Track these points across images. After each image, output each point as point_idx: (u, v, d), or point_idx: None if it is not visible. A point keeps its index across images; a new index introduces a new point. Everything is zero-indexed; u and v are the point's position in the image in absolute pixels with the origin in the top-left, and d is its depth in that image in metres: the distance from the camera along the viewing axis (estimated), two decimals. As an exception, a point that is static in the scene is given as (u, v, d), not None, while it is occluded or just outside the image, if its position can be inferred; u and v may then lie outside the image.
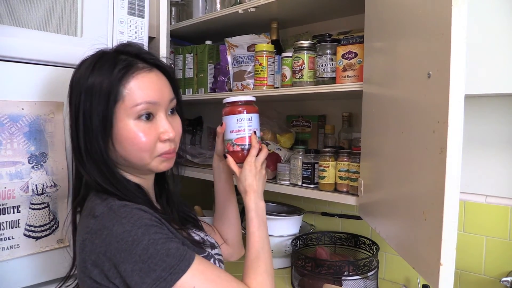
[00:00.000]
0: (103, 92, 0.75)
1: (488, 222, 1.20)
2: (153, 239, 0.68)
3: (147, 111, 0.77)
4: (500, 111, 1.17)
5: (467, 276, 1.24)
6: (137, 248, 0.66)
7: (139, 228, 0.68)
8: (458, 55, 0.62)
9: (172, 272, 0.66)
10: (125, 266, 0.66)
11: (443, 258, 0.64)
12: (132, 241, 0.66)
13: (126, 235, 0.67)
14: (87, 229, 0.71)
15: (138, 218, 0.70)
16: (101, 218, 0.71)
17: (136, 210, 0.72)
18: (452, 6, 0.62)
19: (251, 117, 0.98)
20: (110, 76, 0.75)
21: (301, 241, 1.47)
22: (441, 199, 0.64)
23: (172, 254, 0.68)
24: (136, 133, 0.76)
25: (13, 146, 0.96)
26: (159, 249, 0.67)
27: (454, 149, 0.63)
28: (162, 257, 0.67)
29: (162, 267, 0.66)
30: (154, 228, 0.70)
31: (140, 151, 0.77)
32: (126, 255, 0.66)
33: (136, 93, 0.76)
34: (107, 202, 0.74)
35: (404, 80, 0.82)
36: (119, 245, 0.66)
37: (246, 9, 1.38)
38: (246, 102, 0.98)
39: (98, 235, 0.69)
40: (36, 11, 1.00)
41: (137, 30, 1.21)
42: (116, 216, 0.70)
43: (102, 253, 0.68)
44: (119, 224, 0.68)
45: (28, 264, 1.00)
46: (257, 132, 0.98)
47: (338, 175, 1.23)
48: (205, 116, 2.06)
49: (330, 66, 1.20)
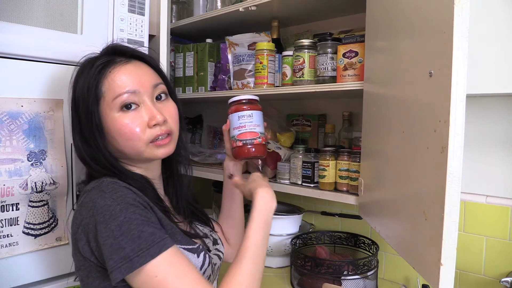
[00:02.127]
0: (86, 94, 0.79)
1: (488, 222, 1.20)
2: (129, 218, 0.68)
3: (128, 101, 0.79)
4: (501, 111, 1.17)
5: (467, 276, 1.24)
6: (112, 224, 0.67)
7: (118, 204, 0.69)
8: (460, 54, 0.62)
9: (140, 255, 0.66)
10: (100, 239, 0.67)
11: (444, 258, 0.64)
12: (109, 216, 0.68)
13: (105, 209, 0.69)
14: (78, 203, 0.76)
15: (120, 195, 0.71)
16: (90, 191, 0.74)
17: (123, 188, 0.74)
18: (454, 5, 0.61)
19: (251, 114, 1.01)
20: (89, 78, 0.79)
21: (300, 240, 1.46)
22: (441, 199, 0.64)
23: (144, 237, 0.67)
24: (122, 124, 0.78)
25: (12, 143, 0.95)
26: (132, 229, 0.67)
27: (455, 149, 0.63)
28: (133, 237, 0.67)
29: (131, 247, 0.66)
30: (133, 207, 0.70)
31: (130, 140, 0.79)
32: (102, 228, 0.67)
33: (114, 86, 0.79)
34: (99, 179, 0.77)
35: (405, 79, 0.82)
36: (98, 218, 0.68)
37: (247, 7, 1.38)
38: (248, 100, 1.03)
39: (85, 207, 0.72)
40: (37, 8, 0.99)
41: (138, 28, 1.21)
42: (101, 190, 0.72)
43: (85, 224, 0.70)
44: (102, 198, 0.70)
45: (27, 262, 0.99)
46: (259, 128, 1.02)
47: (338, 174, 1.23)
48: (205, 114, 2.06)
49: (331, 65, 1.20)
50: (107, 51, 0.85)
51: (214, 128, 1.93)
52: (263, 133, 1.03)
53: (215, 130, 1.92)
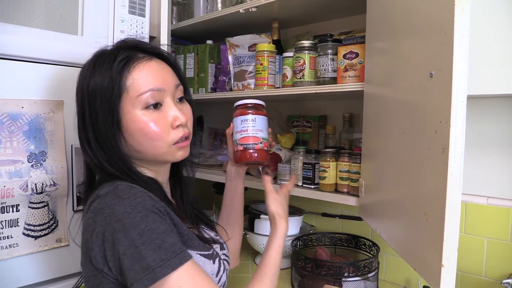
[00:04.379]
0: (106, 89, 0.74)
1: (489, 223, 1.20)
2: (150, 226, 0.66)
3: (154, 100, 0.76)
4: (503, 112, 1.16)
5: (468, 277, 1.24)
6: (133, 232, 0.64)
7: (138, 211, 0.66)
8: (460, 55, 0.62)
9: (162, 266, 0.64)
10: (119, 248, 0.64)
11: (445, 260, 0.63)
12: (129, 224, 0.65)
13: (125, 216, 0.65)
14: (91, 209, 0.70)
15: (140, 202, 0.68)
16: (105, 197, 0.69)
17: (141, 194, 0.70)
18: (455, 6, 0.61)
19: (254, 118, 1.00)
20: (110, 72, 0.75)
21: (301, 241, 1.46)
22: (443, 200, 0.64)
23: (165, 248, 0.65)
24: (146, 123, 0.75)
25: (13, 145, 0.95)
26: (153, 238, 0.65)
27: (456, 150, 0.63)
28: (154, 247, 0.64)
29: (153, 257, 0.64)
30: (154, 215, 0.68)
31: (153, 140, 0.76)
32: (121, 236, 0.64)
33: (139, 82, 0.75)
34: (114, 182, 0.73)
35: (405, 80, 0.82)
36: (117, 225, 0.65)
37: (247, 8, 1.38)
38: (252, 105, 1.02)
39: (100, 214, 0.67)
40: (37, 9, 1.00)
41: (138, 29, 1.21)
42: (118, 196, 0.68)
43: (101, 232, 0.66)
44: (120, 204, 0.67)
45: (27, 263, 0.99)
46: (262, 133, 1.01)
47: (338, 176, 1.23)
48: (205, 116, 2.06)
49: (331, 66, 1.20)
50: (125, 45, 0.81)
51: (215, 130, 1.92)
52: (266, 138, 1.01)
53: (216, 131, 1.91)
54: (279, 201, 0.97)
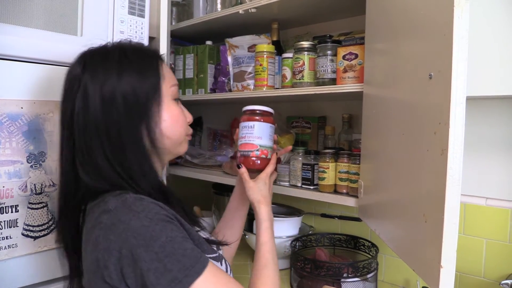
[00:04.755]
0: (150, 74, 0.78)
1: (488, 224, 1.20)
2: (170, 237, 0.64)
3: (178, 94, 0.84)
4: (501, 113, 1.17)
5: (467, 278, 1.24)
6: (155, 245, 0.62)
7: (156, 224, 0.65)
8: (460, 56, 0.62)
9: (188, 274, 0.63)
10: (141, 264, 0.62)
11: (444, 261, 0.63)
12: (150, 237, 0.63)
13: (144, 231, 0.63)
14: (100, 225, 0.67)
15: (155, 213, 0.66)
16: (116, 212, 0.66)
17: (153, 205, 0.68)
18: (454, 7, 0.61)
19: (253, 125, 1.01)
20: (149, 59, 0.80)
21: (300, 242, 1.46)
22: (441, 201, 0.64)
23: (188, 255, 0.65)
24: (179, 112, 0.83)
25: (12, 145, 0.95)
26: (176, 248, 0.64)
27: (455, 151, 0.63)
28: (178, 257, 0.63)
29: (178, 268, 0.63)
30: (171, 225, 0.67)
31: (181, 128, 0.83)
32: (142, 251, 0.62)
33: (169, 75, 0.82)
34: (120, 196, 0.70)
35: (405, 81, 0.82)
36: (135, 241, 0.62)
37: (246, 9, 1.38)
38: (251, 112, 1.02)
39: (113, 230, 0.64)
40: (36, 9, 0.99)
41: (138, 30, 1.21)
42: (132, 210, 0.66)
43: (117, 250, 0.63)
44: (136, 219, 0.64)
45: (26, 264, 0.99)
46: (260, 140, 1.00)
47: (338, 177, 1.23)
48: (205, 116, 2.06)
49: (331, 67, 1.20)
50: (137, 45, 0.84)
51: (214, 130, 1.93)
52: (265, 146, 1.01)
53: (215, 132, 1.91)
54: (257, 188, 0.99)
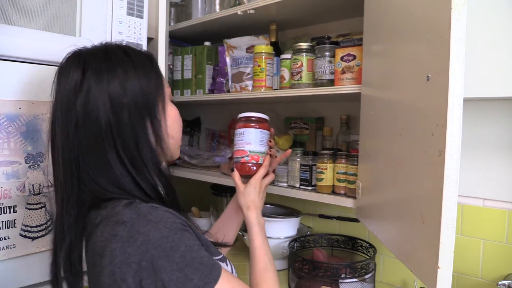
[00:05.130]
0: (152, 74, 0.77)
1: (485, 225, 1.20)
2: (189, 246, 0.64)
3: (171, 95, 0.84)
4: (498, 115, 1.17)
5: (464, 279, 1.24)
6: (175, 255, 0.62)
7: (175, 233, 0.64)
8: (457, 58, 0.62)
9: (207, 282, 0.64)
10: (162, 275, 0.61)
11: (441, 261, 0.64)
12: (170, 248, 0.62)
13: (164, 241, 0.62)
14: (116, 238, 0.64)
15: (172, 223, 0.65)
16: (132, 223, 0.64)
17: (168, 214, 0.67)
18: (451, 9, 0.62)
19: (243, 132, 1.03)
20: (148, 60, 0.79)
21: (298, 243, 1.46)
22: (439, 202, 0.64)
23: (205, 263, 0.65)
24: (178, 114, 0.83)
25: (10, 146, 0.95)
26: (194, 257, 0.64)
27: (453, 152, 0.63)
28: (197, 265, 0.64)
29: (198, 276, 0.63)
30: (187, 233, 0.66)
31: (181, 128, 0.84)
32: (164, 262, 0.61)
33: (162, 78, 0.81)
34: (133, 206, 0.68)
35: (402, 83, 0.83)
36: (156, 252, 0.61)
37: (245, 10, 1.38)
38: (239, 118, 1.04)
39: (131, 243, 0.62)
40: (35, 10, 0.99)
41: (136, 31, 1.21)
42: (150, 221, 0.64)
43: (136, 262, 0.62)
44: (155, 229, 0.63)
45: (24, 265, 0.99)
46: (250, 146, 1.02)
47: (336, 178, 1.23)
48: (203, 117, 2.06)
49: (329, 68, 1.20)
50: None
51: (212, 131, 1.93)
52: (256, 151, 1.02)
53: (213, 133, 1.92)
54: (246, 193, 1.00)
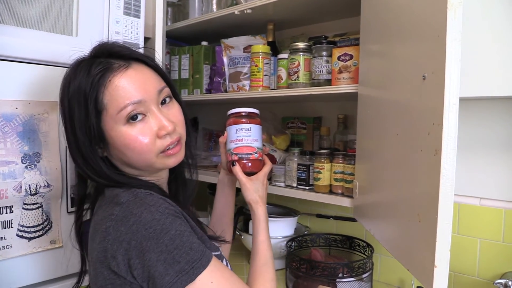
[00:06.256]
0: (83, 106, 0.72)
1: (482, 224, 1.21)
2: (180, 230, 0.67)
3: (135, 112, 0.73)
4: (495, 114, 1.18)
5: (461, 278, 1.25)
6: (165, 237, 0.65)
7: (167, 217, 0.67)
8: (453, 58, 0.62)
9: (194, 266, 0.66)
10: (150, 255, 0.64)
11: (437, 260, 0.64)
12: (160, 230, 0.65)
13: (155, 223, 0.65)
14: (111, 217, 0.68)
15: (165, 208, 0.68)
16: (128, 205, 0.68)
17: (162, 200, 0.70)
18: (447, 9, 0.62)
19: (250, 128, 0.99)
20: (85, 87, 0.72)
21: (295, 242, 1.46)
22: (435, 201, 0.64)
23: (195, 249, 0.67)
24: (132, 137, 0.73)
25: (7, 146, 0.95)
26: (184, 241, 0.67)
27: (449, 151, 0.63)
28: (186, 249, 0.66)
29: (185, 260, 0.66)
30: (179, 220, 0.69)
31: (140, 154, 0.74)
32: (153, 243, 0.64)
33: (117, 97, 0.72)
34: (132, 190, 0.72)
35: (399, 82, 0.83)
36: (147, 233, 0.65)
37: (242, 10, 1.38)
38: (247, 114, 1.01)
39: (124, 222, 0.66)
40: (32, 10, 0.99)
41: (133, 30, 1.21)
42: (144, 203, 0.68)
43: (126, 241, 0.65)
44: (147, 212, 0.66)
45: (20, 265, 0.99)
46: (257, 143, 1.00)
47: (333, 177, 1.23)
48: (200, 117, 2.06)
49: (326, 68, 1.21)
50: (100, 52, 0.77)
51: (210, 131, 1.92)
52: (261, 148, 1.01)
53: (211, 132, 1.91)
54: (254, 189, 0.98)
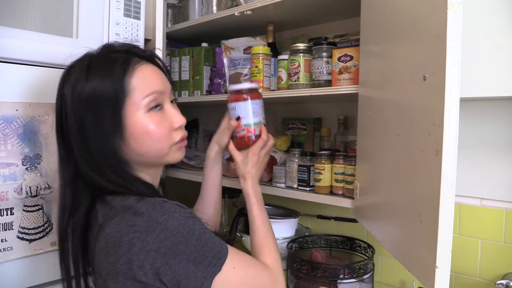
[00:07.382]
0: (109, 94, 0.74)
1: (483, 225, 1.21)
2: (201, 229, 0.72)
3: (157, 102, 0.78)
4: (496, 114, 1.17)
5: (462, 279, 1.24)
6: (192, 239, 0.69)
7: (189, 220, 0.71)
8: (453, 58, 0.62)
9: (219, 257, 0.72)
10: (181, 257, 0.68)
11: (439, 261, 0.64)
12: (187, 233, 0.69)
13: (181, 228, 0.69)
14: (134, 228, 0.68)
15: (185, 212, 0.72)
16: (149, 214, 0.69)
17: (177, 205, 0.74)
18: (447, 9, 0.62)
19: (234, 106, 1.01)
20: (111, 76, 0.74)
21: (296, 244, 1.46)
22: (436, 202, 0.64)
23: (216, 241, 0.73)
24: (151, 125, 0.77)
25: (7, 148, 0.95)
26: (208, 238, 0.72)
27: (450, 152, 0.63)
28: (211, 244, 0.71)
29: (212, 254, 0.71)
30: (197, 219, 0.73)
31: (158, 142, 0.78)
32: (183, 246, 0.68)
33: (143, 85, 0.76)
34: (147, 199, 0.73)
35: (399, 83, 0.83)
36: (175, 239, 0.68)
37: (242, 11, 1.38)
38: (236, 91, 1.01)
39: (150, 232, 0.67)
40: (32, 12, 0.99)
41: (133, 32, 1.21)
42: (166, 211, 0.70)
43: (154, 250, 0.67)
44: (172, 218, 0.69)
45: (21, 267, 0.99)
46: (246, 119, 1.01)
47: (333, 178, 1.23)
48: (201, 118, 2.06)
49: (326, 69, 1.21)
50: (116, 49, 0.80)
51: (210, 132, 1.92)
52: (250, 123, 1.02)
53: (211, 134, 1.90)
54: (243, 164, 1.00)
